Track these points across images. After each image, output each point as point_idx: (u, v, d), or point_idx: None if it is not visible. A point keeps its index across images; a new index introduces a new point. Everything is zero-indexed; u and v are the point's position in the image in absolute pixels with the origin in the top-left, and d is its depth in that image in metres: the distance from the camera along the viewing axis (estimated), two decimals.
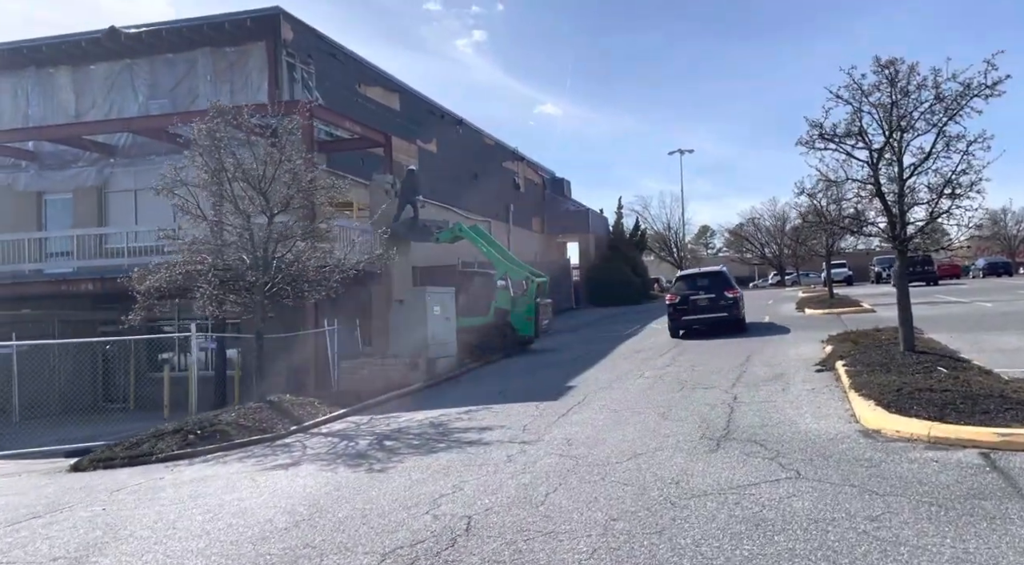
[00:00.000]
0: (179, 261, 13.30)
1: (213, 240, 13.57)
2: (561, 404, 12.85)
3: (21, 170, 24.41)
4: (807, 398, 11.16)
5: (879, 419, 8.83)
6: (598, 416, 11.40)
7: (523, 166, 42.79)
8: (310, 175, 14.74)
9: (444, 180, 32.33)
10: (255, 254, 14.04)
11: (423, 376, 17.47)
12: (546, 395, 13.94)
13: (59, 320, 21.50)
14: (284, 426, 12.67)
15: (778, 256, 75.24)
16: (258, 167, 14.08)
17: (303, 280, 14.26)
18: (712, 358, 16.85)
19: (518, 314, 21.92)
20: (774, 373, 13.89)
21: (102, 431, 16.10)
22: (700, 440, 9.07)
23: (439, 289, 19.91)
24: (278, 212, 14.46)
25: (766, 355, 16.58)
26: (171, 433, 11.95)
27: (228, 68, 23.11)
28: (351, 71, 26.35)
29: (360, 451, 10.51)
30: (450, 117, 33.76)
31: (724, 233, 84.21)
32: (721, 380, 13.63)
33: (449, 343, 19.10)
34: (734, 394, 12.08)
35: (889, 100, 12.15)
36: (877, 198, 12.98)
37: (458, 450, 9.91)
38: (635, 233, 53.32)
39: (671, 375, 14.89)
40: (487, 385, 16.40)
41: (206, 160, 13.56)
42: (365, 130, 22.74)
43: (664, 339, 22.20)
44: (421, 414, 13.46)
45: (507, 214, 39.46)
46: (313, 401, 14.45)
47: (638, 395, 12.96)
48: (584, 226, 45.04)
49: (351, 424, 13.23)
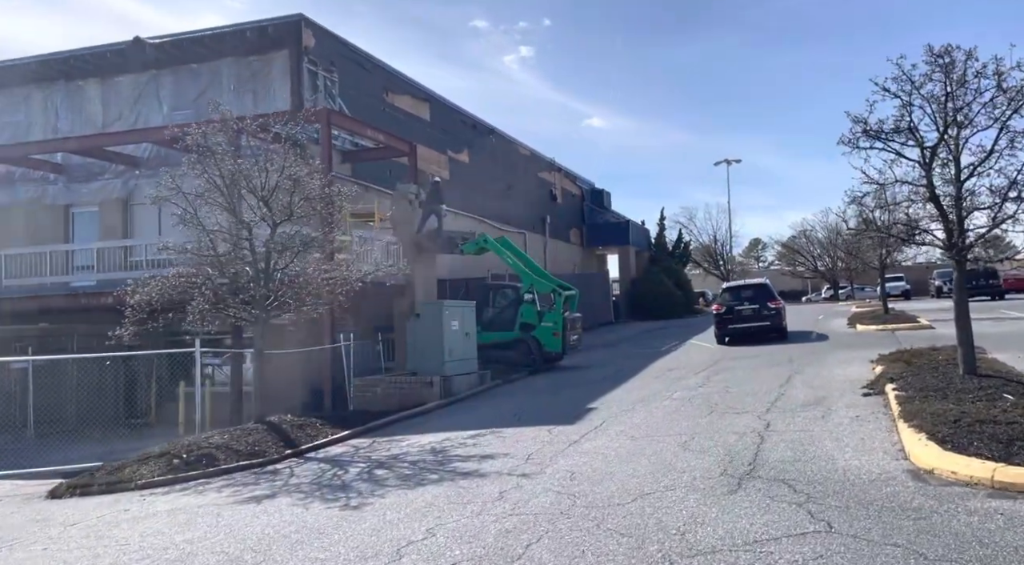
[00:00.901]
0: (171, 274, 12.60)
1: (212, 251, 12.81)
2: (576, 429, 11.75)
3: (50, 183, 24.29)
4: (849, 427, 9.85)
5: (932, 457, 7.53)
6: (612, 444, 10.28)
7: (560, 177, 41.75)
8: (314, 182, 13.93)
9: (476, 191, 31.48)
10: (256, 265, 13.27)
11: (438, 395, 16.51)
12: (563, 418, 12.86)
13: (78, 334, 21.14)
14: (278, 450, 11.81)
15: (831, 269, 72.74)
16: (259, 174, 13.33)
17: (306, 293, 13.43)
18: (749, 378, 15.54)
19: (545, 329, 20.83)
20: (815, 396, 12.56)
21: (116, 449, 15.47)
22: (720, 477, 7.88)
23: (457, 302, 18.96)
24: (282, 221, 13.68)
25: (809, 375, 15.21)
26: (157, 457, 11.19)
27: (251, 77, 22.64)
28: (378, 80, 25.72)
29: (345, 482, 9.56)
30: (483, 127, 32.95)
31: (775, 246, 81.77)
32: (755, 404, 12.36)
33: (469, 360, 18.10)
34: (767, 421, 10.82)
35: (943, 91, 10.81)
36: (931, 203, 11.61)
37: (449, 483, 8.89)
38: (678, 245, 51.74)
39: (701, 397, 13.64)
40: (505, 405, 15.36)
41: (204, 167, 12.87)
42: (388, 139, 22.00)
43: (702, 356, 20.89)
44: (427, 437, 12.47)
45: (543, 226, 38.42)
46: (315, 422, 13.60)
47: (661, 420, 11.78)
48: (624, 238, 43.72)
49: (350, 448, 12.31)
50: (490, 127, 33.54)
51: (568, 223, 42.84)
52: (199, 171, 12.91)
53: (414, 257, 21.80)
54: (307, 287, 13.35)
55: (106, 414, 20.92)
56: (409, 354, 17.84)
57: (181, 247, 12.93)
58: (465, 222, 29.10)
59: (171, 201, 12.90)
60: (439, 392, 16.60)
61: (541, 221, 38.35)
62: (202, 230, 12.75)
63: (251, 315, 13.26)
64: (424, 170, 27.61)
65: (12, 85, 24.61)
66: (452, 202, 29.11)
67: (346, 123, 20.84)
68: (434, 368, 16.98)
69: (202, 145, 12.64)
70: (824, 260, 72.78)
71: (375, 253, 20.58)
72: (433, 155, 28.66)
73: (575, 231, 43.82)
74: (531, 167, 38.21)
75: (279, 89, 22.23)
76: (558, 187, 41.14)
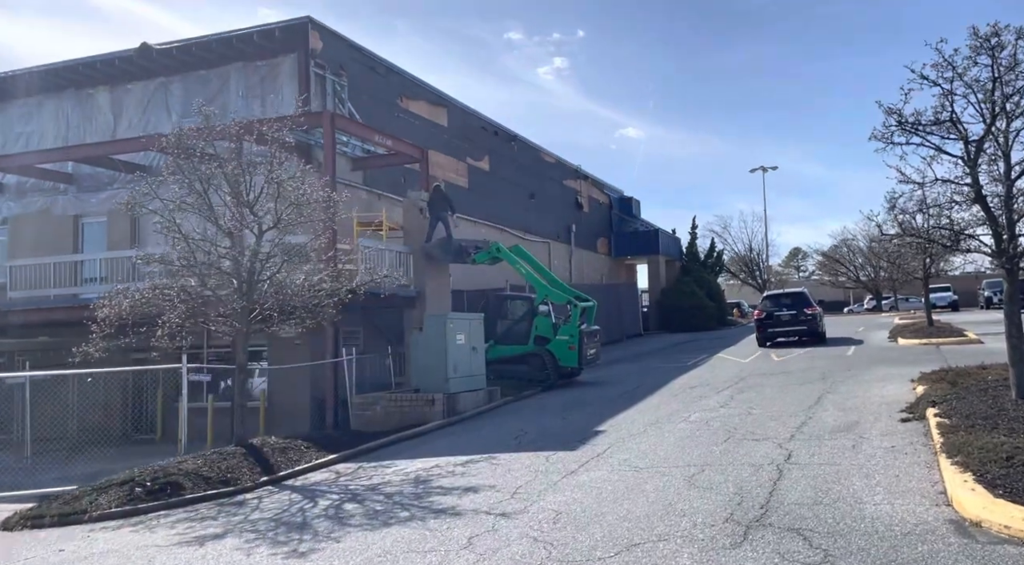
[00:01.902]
0: (146, 286, 11.78)
1: (192, 260, 11.95)
2: (577, 456, 10.64)
3: (60, 193, 23.91)
4: (883, 461, 8.58)
5: (980, 505, 6.28)
6: (611, 477, 9.15)
7: (587, 185, 40.53)
8: (303, 187, 13.04)
9: (497, 199, 30.50)
10: (240, 276, 12.40)
11: (442, 413, 15.48)
12: (565, 442, 11.75)
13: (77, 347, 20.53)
14: (253, 477, 10.89)
15: (873, 279, 70.28)
16: (244, 178, 12.49)
17: (291, 305, 12.51)
18: (776, 398, 14.25)
19: (560, 343, 19.67)
20: (847, 421, 11.26)
21: (111, 467, 14.69)
22: (724, 524, 6.72)
23: (463, 315, 17.91)
24: (268, 229, 12.81)
25: (842, 395, 13.87)
26: (119, 485, 10.33)
27: (259, 82, 21.99)
28: (392, 84, 24.91)
29: (307, 519, 8.56)
30: (504, 133, 31.97)
31: (815, 255, 79.39)
32: (779, 429, 11.11)
33: (476, 376, 17.04)
34: (789, 450, 9.59)
35: (990, 77, 9.52)
36: (977, 204, 10.31)
37: (418, 523, 7.84)
38: (711, 254, 50.08)
39: (721, 420, 12.42)
40: (509, 426, 14.27)
41: (181, 171, 12.07)
42: (397, 144, 21.12)
43: (729, 372, 19.58)
44: (416, 463, 11.45)
45: (568, 235, 37.24)
46: (301, 445, 12.65)
47: (672, 447, 10.60)
48: (654, 247, 42.28)
49: (332, 475, 11.33)
50: (512, 133, 32.56)
51: (595, 232, 41.60)
52: (178, 177, 12.11)
53: (424, 267, 20.90)
54: (292, 299, 12.43)
55: (111, 430, 20.30)
56: (413, 370, 16.88)
57: (162, 257, 12.10)
58: (485, 231, 28.13)
59: (146, 208, 12.10)
60: (442, 411, 15.57)
61: (566, 230, 37.20)
62: (180, 238, 11.90)
63: (232, 329, 12.39)
64: (441, 178, 26.76)
65: (24, 95, 24.34)
66: (471, 210, 28.22)
67: (351, 127, 20.01)
68: (437, 385, 15.96)
69: (179, 148, 11.83)
70: (866, 270, 70.42)
71: (383, 263, 19.68)
72: (451, 162, 27.77)
73: (602, 240, 42.55)
74: (556, 175, 37.12)
75: (287, 94, 21.51)
76: (584, 195, 39.96)
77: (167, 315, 11.34)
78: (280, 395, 19.56)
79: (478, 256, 20.81)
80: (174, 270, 11.85)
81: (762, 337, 25.80)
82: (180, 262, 11.71)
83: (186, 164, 11.99)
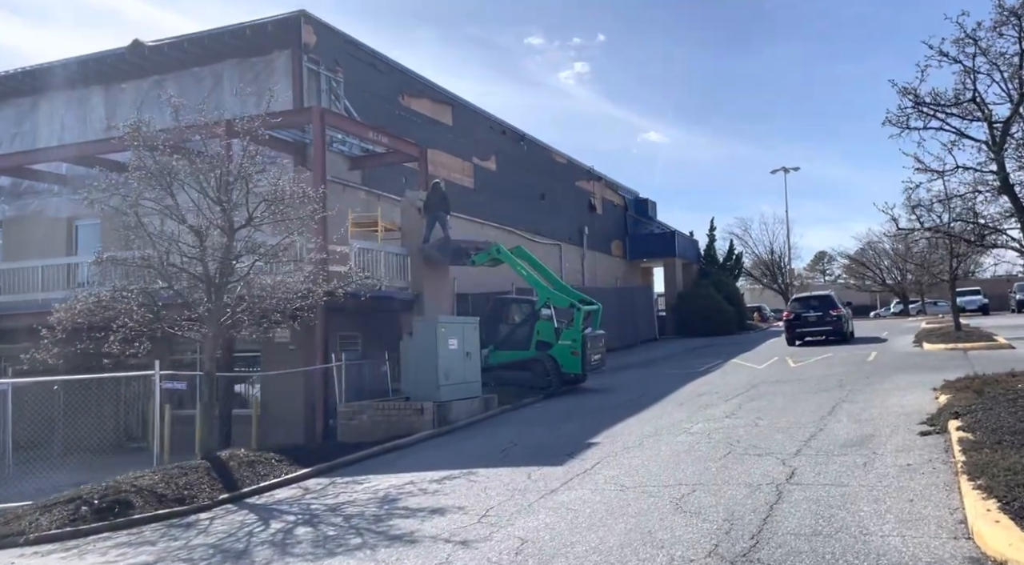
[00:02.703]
0: (98, 291, 11.06)
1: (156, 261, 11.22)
2: (562, 472, 9.75)
3: (54, 195, 23.46)
4: (896, 482, 7.59)
5: (1005, 540, 5.30)
6: (593, 497, 8.24)
7: (601, 186, 39.54)
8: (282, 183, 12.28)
9: (505, 200, 29.63)
10: (210, 277, 11.65)
11: (431, 423, 14.62)
12: (554, 456, 10.86)
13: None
14: (212, 494, 10.10)
15: (900, 283, 68.49)
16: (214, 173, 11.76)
17: (261, 308, 11.73)
18: (787, 407, 13.23)
19: (563, 348, 18.74)
20: (860, 434, 10.25)
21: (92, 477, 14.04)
22: (707, 559, 5.81)
23: (456, 319, 17.05)
24: (239, 227, 12.07)
25: (858, 405, 12.82)
26: (65, 503, 9.59)
27: (254, 79, 21.34)
28: (394, 82, 24.17)
29: (249, 546, 7.76)
30: (512, 132, 31.12)
31: (839, 257, 77.64)
32: (785, 443, 10.13)
33: (471, 383, 16.16)
34: (792, 468, 8.62)
35: (1017, 50, 8.51)
36: (1004, 194, 9.28)
37: (366, 553, 7.01)
38: (730, 257, 48.79)
39: (724, 431, 11.44)
40: (500, 437, 13.38)
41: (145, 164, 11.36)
42: (394, 141, 20.34)
43: (741, 378, 18.55)
44: (390, 479, 10.61)
45: (581, 237, 36.27)
46: (272, 458, 11.85)
47: (666, 462, 9.67)
48: (670, 250, 41.15)
49: (299, 491, 10.53)
50: (520, 133, 31.71)
51: (609, 234, 40.60)
52: (140, 172, 11.40)
53: (423, 269, 20.10)
54: (261, 302, 11.64)
55: (103, 438, 19.67)
56: (403, 377, 16.05)
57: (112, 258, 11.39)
58: (492, 233, 27.27)
59: (106, 205, 11.40)
60: (432, 420, 14.72)
61: (579, 232, 36.26)
62: (140, 237, 11.17)
63: (200, 334, 11.64)
64: (444, 178, 25.96)
65: (17, 95, 23.93)
66: (478, 211, 27.39)
67: (342, 123, 19.26)
68: (428, 393, 15.12)
69: (138, 141, 11.12)
70: (892, 273, 68.62)
71: (379, 265, 18.91)
72: (455, 162, 26.98)
73: (617, 243, 41.52)
74: (568, 175, 36.19)
75: (281, 90, 20.79)
76: (598, 196, 38.98)
77: (122, 319, 10.59)
78: (275, 402, 18.83)
79: (477, 257, 19.96)
80: (131, 271, 11.12)
81: (791, 336, 27.79)
82: (139, 262, 10.97)
83: (149, 157, 11.26)
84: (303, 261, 12.55)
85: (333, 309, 18.47)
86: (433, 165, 25.22)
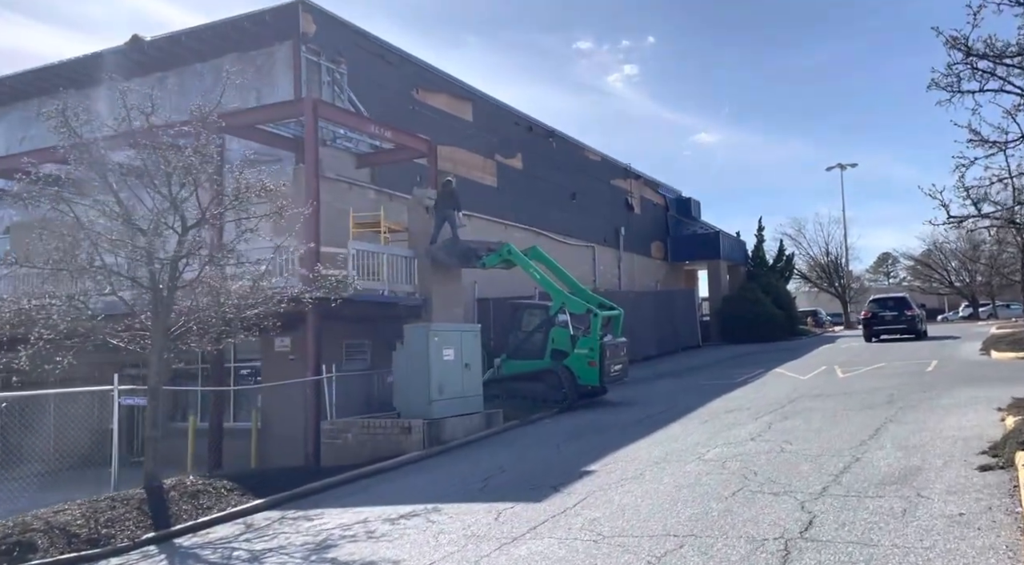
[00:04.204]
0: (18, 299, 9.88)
1: (70, 262, 10.01)
2: (538, 511, 8.17)
3: None
4: (943, 540, 5.80)
5: None
6: (556, 552, 6.66)
7: (639, 184, 37.55)
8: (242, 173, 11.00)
9: (532, 199, 28.04)
10: (156, 283, 10.39)
11: (420, 443, 13.13)
12: (538, 488, 9.30)
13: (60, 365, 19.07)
14: (135, 533, 8.79)
15: (968, 285, 64.63)
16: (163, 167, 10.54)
17: (210, 316, 10.41)
18: (823, 429, 11.36)
19: (579, 357, 17.05)
20: (905, 467, 8.39)
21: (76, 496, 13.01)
22: None
23: (452, 326, 15.50)
24: (192, 225, 10.81)
25: (907, 426, 10.89)
26: None
27: (255, 74, 20.24)
28: (406, 75, 22.85)
29: None
30: (540, 128, 29.50)
31: (902, 259, 73.86)
32: (810, 476, 8.34)
33: (469, 398, 14.60)
34: (812, 514, 6.87)
35: None
36: None
37: None
38: (780, 258, 46.11)
39: (742, 458, 9.68)
40: (491, 461, 11.81)
41: (75, 156, 10.20)
42: (398, 136, 18.93)
43: (780, 391, 16.62)
44: (344, 516, 9.17)
45: (617, 238, 34.40)
46: (223, 487, 10.50)
47: (662, 501, 7.99)
48: (714, 251, 38.87)
49: (239, 529, 9.14)
50: (549, 129, 30.09)
51: (648, 235, 38.60)
52: (74, 162, 10.24)
53: (432, 272, 18.67)
54: (205, 311, 10.33)
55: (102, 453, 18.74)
56: (394, 391, 14.61)
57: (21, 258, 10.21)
58: (518, 235, 25.74)
59: (36, 201, 10.24)
60: (422, 440, 13.23)
61: (614, 233, 34.42)
62: (63, 235, 9.98)
63: (141, 347, 10.37)
64: (465, 176, 24.54)
65: (25, 98, 23.39)
66: (501, 212, 25.90)
67: (339, 116, 17.96)
68: (419, 409, 13.66)
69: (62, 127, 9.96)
70: (961, 275, 64.88)
71: (382, 268, 17.54)
72: (476, 160, 25.53)
73: (657, 244, 39.49)
74: (602, 174, 34.40)
75: (283, 85, 19.73)
76: (635, 195, 37.05)
77: (38, 330, 9.38)
78: (275, 416, 17.64)
79: (488, 259, 18.42)
80: (51, 276, 9.94)
81: (868, 333, 30.56)
82: (53, 265, 9.75)
83: (79, 145, 10.09)
84: (260, 262, 11.15)
85: (336, 317, 17.22)
86: (452, 163, 23.85)
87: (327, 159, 19.36)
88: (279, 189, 11.18)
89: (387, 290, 17.55)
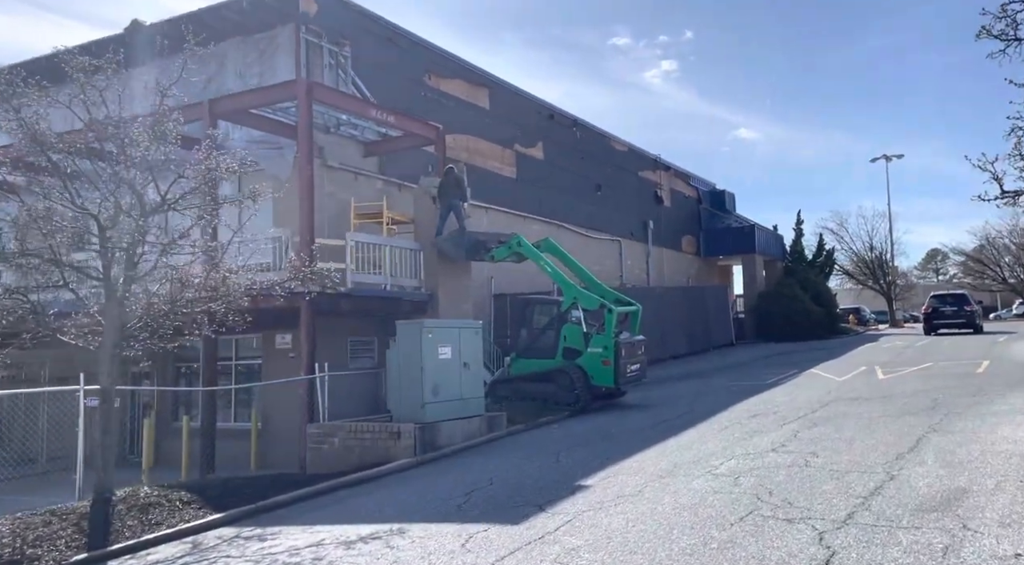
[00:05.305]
0: None
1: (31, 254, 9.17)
2: (510, 538, 7.04)
3: None
4: None
5: None
6: None
7: (669, 176, 36.01)
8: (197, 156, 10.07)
9: (553, 191, 26.82)
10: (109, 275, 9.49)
11: (411, 450, 12.05)
12: (522, 506, 8.18)
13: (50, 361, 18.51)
14: (65, 554, 7.84)
15: (1023, 281, 61.85)
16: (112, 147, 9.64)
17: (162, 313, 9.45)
18: (856, 439, 10.02)
19: (593, 356, 15.84)
20: (947, 489, 7.07)
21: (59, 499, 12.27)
22: None
23: (449, 322, 14.34)
24: (152, 212, 9.91)
25: (952, 438, 9.52)
26: None
27: (258, 58, 19.42)
28: (418, 60, 21.80)
29: None
30: (562, 117, 28.23)
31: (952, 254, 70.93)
32: (835, 498, 7.07)
33: (468, 400, 13.47)
34: (831, 550, 5.63)
35: None
36: None
37: None
38: (819, 253, 44.11)
39: (759, 473, 8.42)
40: (480, 471, 10.68)
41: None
42: (402, 121, 17.87)
43: (812, 394, 15.23)
44: (303, 536, 8.12)
45: (645, 232, 32.97)
46: (178, 499, 9.50)
47: (657, 526, 6.80)
48: (749, 245, 37.11)
49: (184, 548, 8.15)
50: (572, 117, 28.82)
51: (680, 229, 37.06)
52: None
53: (438, 265, 17.62)
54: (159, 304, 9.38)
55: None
56: (387, 392, 13.57)
57: None
58: (538, 227, 24.55)
59: None
60: (413, 445, 12.15)
61: (642, 227, 33.01)
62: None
63: (85, 342, 9.47)
64: (482, 166, 23.45)
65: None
66: (520, 204, 24.76)
67: (337, 99, 16.95)
68: (411, 412, 12.58)
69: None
70: (1015, 270, 62.13)
71: (384, 261, 16.54)
72: (493, 149, 24.41)
73: (689, 239, 37.92)
74: (629, 165, 33.00)
75: (284, 70, 18.82)
76: (665, 188, 35.55)
77: None
78: (275, 417, 16.79)
79: (497, 251, 17.28)
80: None
81: (928, 327, 32.37)
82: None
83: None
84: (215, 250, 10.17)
85: (337, 312, 16.28)
86: (467, 152, 22.78)
87: (331, 147, 18.43)
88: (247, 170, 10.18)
89: (390, 284, 16.55)
